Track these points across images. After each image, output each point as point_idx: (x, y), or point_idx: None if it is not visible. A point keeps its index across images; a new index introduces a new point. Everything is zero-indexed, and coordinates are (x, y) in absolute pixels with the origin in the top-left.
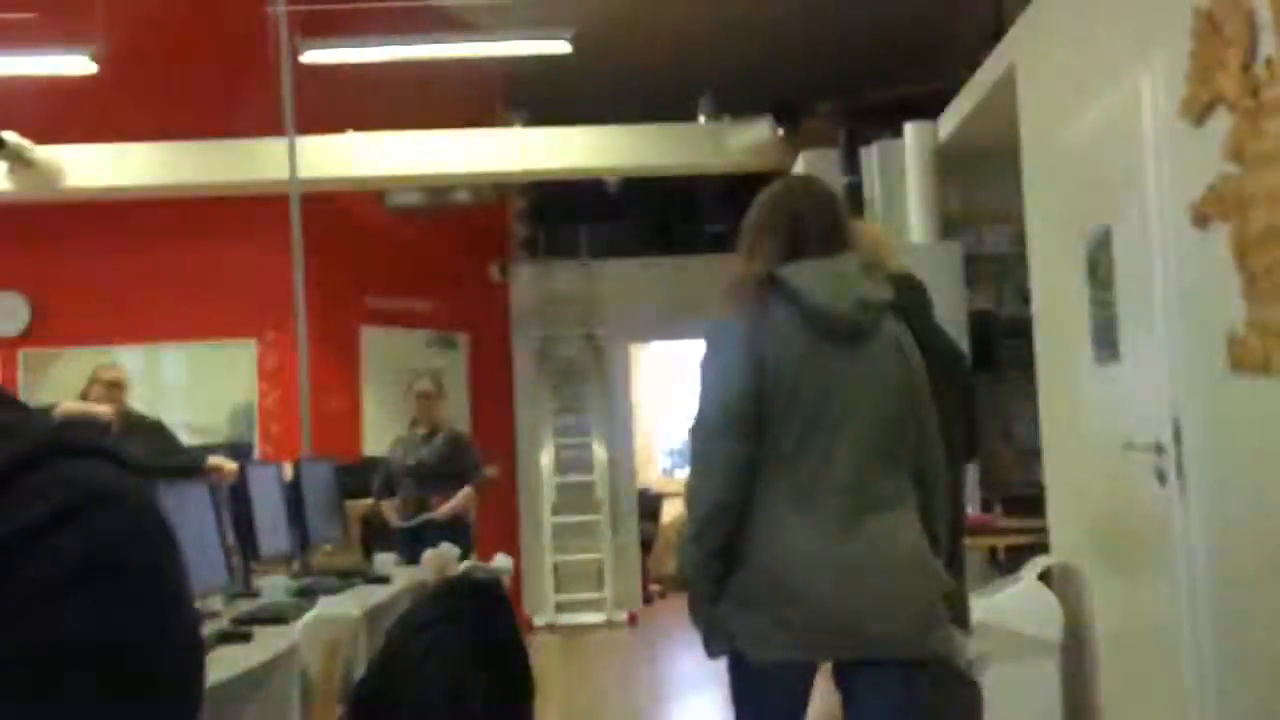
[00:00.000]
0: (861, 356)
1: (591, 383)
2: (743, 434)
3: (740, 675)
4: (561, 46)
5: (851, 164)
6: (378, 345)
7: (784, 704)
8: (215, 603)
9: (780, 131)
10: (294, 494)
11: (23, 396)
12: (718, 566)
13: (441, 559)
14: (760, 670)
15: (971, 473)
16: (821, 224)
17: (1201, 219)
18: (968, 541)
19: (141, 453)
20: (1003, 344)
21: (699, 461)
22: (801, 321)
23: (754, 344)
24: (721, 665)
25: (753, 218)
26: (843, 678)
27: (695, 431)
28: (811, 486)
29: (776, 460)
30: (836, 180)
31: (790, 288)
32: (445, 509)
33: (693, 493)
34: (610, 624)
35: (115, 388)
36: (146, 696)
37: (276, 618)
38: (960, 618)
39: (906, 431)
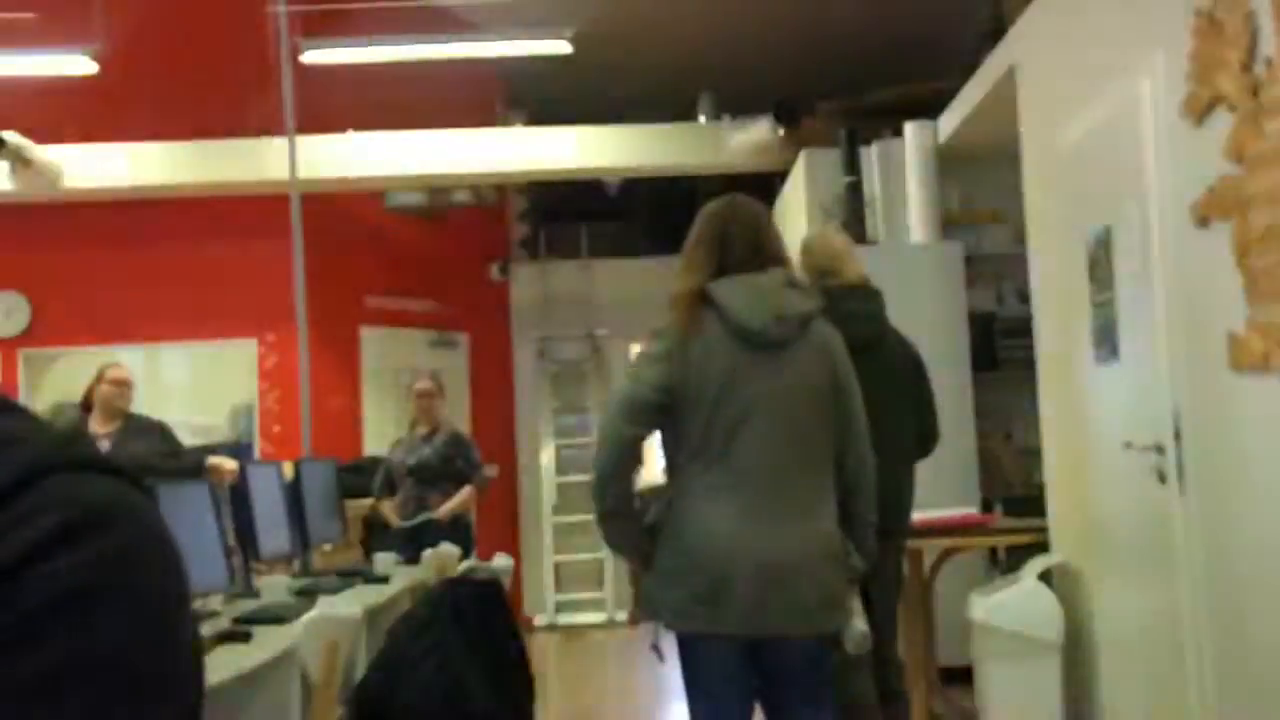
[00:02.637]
0: (784, 363)
1: (591, 383)
2: (638, 419)
3: (682, 655)
4: (561, 46)
5: (851, 164)
6: (378, 345)
7: (719, 675)
8: (215, 603)
9: (780, 131)
10: (294, 494)
11: (22, 397)
12: (618, 522)
13: (441, 559)
14: (689, 643)
15: (971, 473)
16: (746, 241)
17: (1201, 219)
18: (968, 541)
19: (145, 454)
20: (1003, 344)
21: (599, 435)
22: (727, 332)
23: (679, 350)
24: None
25: (689, 236)
26: (756, 653)
27: (606, 411)
28: (738, 481)
29: (708, 457)
30: (837, 180)
31: (717, 302)
32: (445, 509)
33: (593, 461)
34: (610, 624)
35: (124, 386)
36: (148, 714)
37: (276, 618)
38: (884, 599)
39: (828, 430)
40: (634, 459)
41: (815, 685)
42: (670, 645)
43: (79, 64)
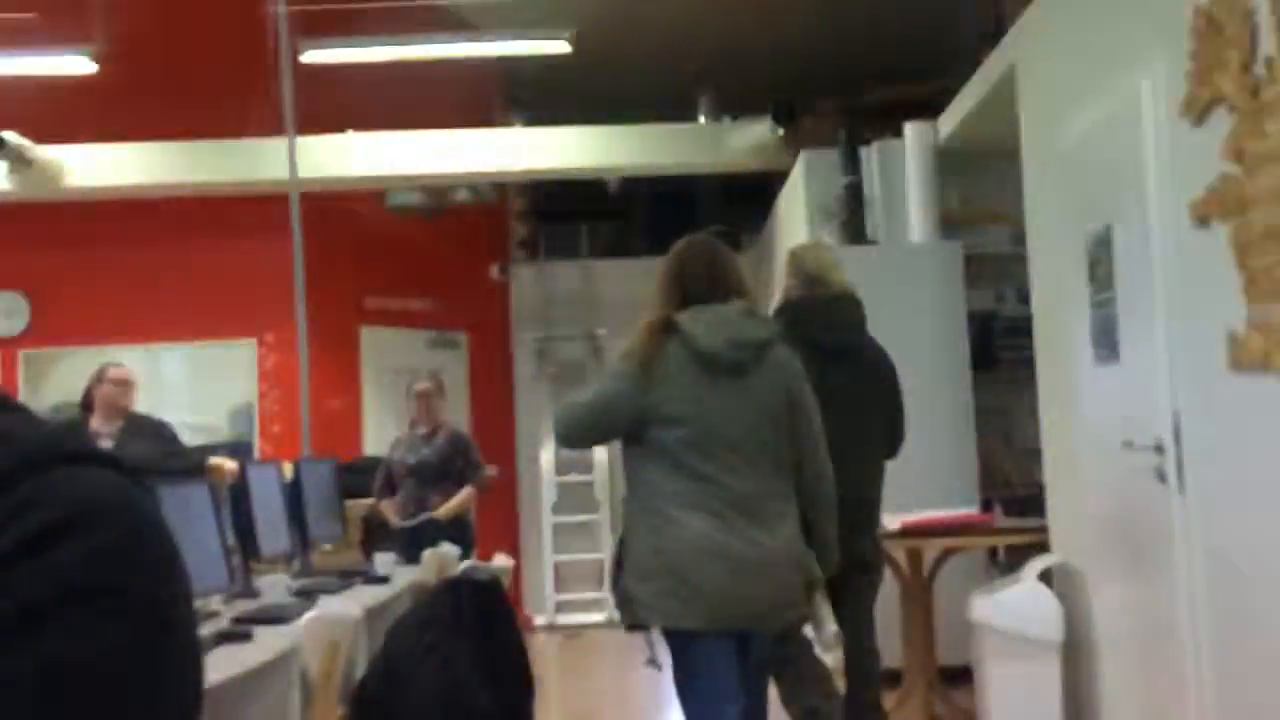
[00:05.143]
0: (742, 386)
1: (591, 383)
2: (599, 430)
3: (675, 656)
4: (561, 46)
5: (851, 164)
6: (378, 345)
7: (709, 661)
8: (215, 603)
9: (780, 131)
10: (294, 494)
11: (23, 396)
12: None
13: (441, 559)
14: (682, 642)
15: (971, 473)
16: (702, 276)
17: (1201, 219)
18: (968, 541)
19: (146, 453)
20: (1003, 344)
21: (560, 427)
22: (689, 357)
23: (645, 372)
24: None
25: (658, 273)
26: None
27: (576, 405)
28: (705, 493)
29: (677, 469)
30: (836, 180)
31: (680, 329)
32: (445, 509)
33: (562, 423)
34: (610, 624)
35: (126, 385)
36: (145, 713)
37: (276, 618)
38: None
39: (785, 446)
40: (589, 442)
41: (765, 680)
42: (664, 650)
43: (79, 64)
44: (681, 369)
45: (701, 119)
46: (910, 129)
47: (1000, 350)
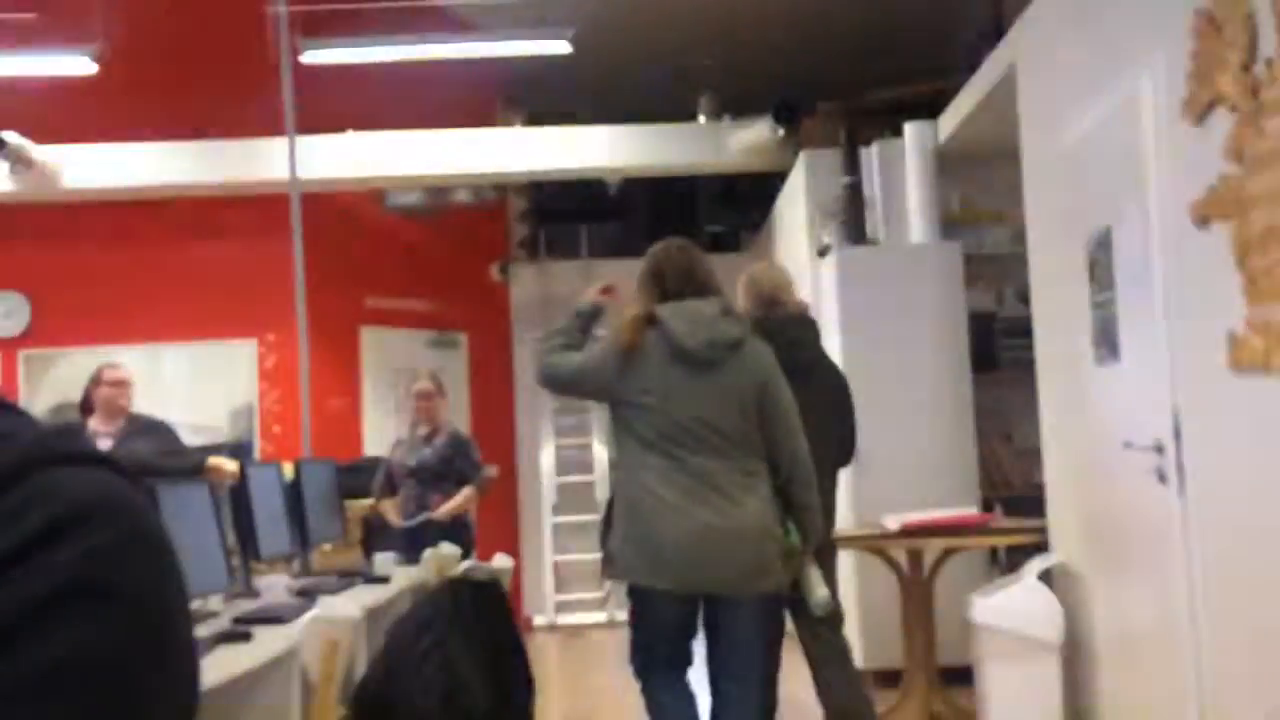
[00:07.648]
0: (713, 379)
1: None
2: (583, 385)
3: (631, 603)
4: (561, 46)
5: (851, 164)
6: (378, 345)
7: (662, 622)
8: (215, 603)
9: (780, 131)
10: (294, 494)
11: (22, 397)
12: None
13: (441, 559)
14: (637, 594)
15: (972, 473)
16: (678, 275)
17: (1201, 219)
18: (968, 541)
19: (146, 453)
20: (1003, 344)
21: (558, 366)
22: (668, 350)
23: (626, 358)
24: None
25: (640, 270)
26: (705, 613)
27: (564, 361)
28: (676, 469)
29: (653, 449)
30: (837, 180)
31: (662, 323)
32: (445, 509)
33: (548, 369)
34: (610, 624)
35: (123, 386)
36: (141, 714)
37: (276, 618)
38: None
39: (754, 432)
40: (564, 390)
41: (750, 662)
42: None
43: (79, 64)
44: (657, 359)
45: (701, 119)
46: (910, 129)
47: (1000, 350)
